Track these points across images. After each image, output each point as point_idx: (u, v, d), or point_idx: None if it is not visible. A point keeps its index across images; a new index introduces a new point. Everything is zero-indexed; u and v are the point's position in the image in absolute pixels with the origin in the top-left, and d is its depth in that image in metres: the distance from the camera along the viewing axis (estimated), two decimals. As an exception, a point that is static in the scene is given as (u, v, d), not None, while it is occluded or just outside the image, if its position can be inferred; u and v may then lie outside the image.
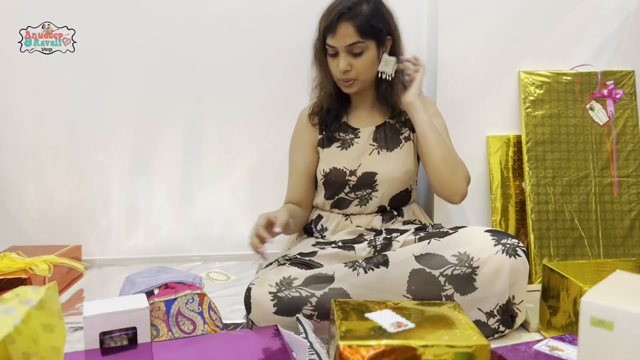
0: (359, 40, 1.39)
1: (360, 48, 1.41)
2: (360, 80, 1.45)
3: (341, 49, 1.41)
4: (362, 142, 1.51)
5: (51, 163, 1.84)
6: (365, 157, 1.49)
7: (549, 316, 1.33)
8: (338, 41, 1.40)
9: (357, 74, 1.43)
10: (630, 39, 1.77)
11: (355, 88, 1.46)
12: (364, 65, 1.43)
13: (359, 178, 1.48)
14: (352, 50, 1.40)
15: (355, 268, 1.31)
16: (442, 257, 1.30)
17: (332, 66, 1.45)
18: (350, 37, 1.39)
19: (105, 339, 1.13)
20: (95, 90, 1.81)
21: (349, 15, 1.38)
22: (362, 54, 1.42)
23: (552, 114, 1.74)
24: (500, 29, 1.73)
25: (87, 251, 1.85)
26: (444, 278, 1.29)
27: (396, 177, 1.47)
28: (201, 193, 1.88)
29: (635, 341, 0.73)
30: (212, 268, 1.78)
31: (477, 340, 0.99)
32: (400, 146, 1.51)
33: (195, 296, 1.24)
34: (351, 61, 1.41)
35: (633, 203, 1.73)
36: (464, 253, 1.30)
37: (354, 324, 1.05)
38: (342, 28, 1.39)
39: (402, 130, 1.53)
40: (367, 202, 1.49)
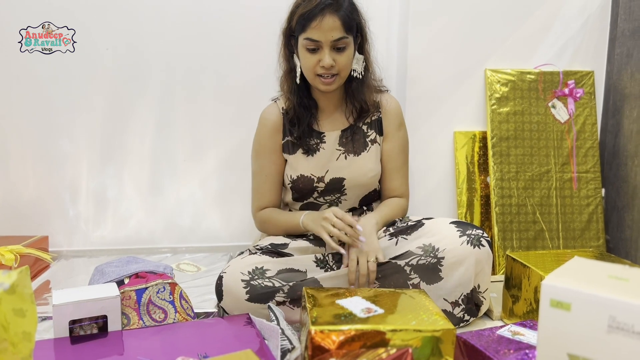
0: (344, 35, 1.34)
1: (344, 43, 1.35)
2: (341, 76, 1.39)
3: (326, 43, 1.33)
4: (328, 147, 1.46)
5: (17, 152, 1.80)
6: (333, 162, 1.46)
7: (512, 304, 1.38)
8: (324, 35, 1.32)
9: (340, 69, 1.36)
10: (590, 40, 1.84)
11: (335, 85, 1.39)
12: (346, 61, 1.37)
13: (327, 184, 1.45)
14: (336, 45, 1.34)
15: (325, 267, 1.36)
16: (408, 250, 1.34)
17: (311, 61, 1.35)
18: (336, 31, 1.32)
19: (74, 328, 1.13)
20: (63, 78, 1.78)
21: (334, 7, 1.32)
22: (344, 50, 1.36)
23: (516, 111, 1.80)
24: (467, 27, 1.78)
25: (54, 242, 1.82)
26: (410, 267, 1.32)
27: (364, 181, 1.46)
28: (171, 184, 1.87)
29: (591, 320, 0.78)
30: (182, 259, 1.77)
31: (444, 325, 1.03)
32: (367, 150, 1.47)
33: (167, 285, 1.24)
34: (335, 57, 1.34)
35: (591, 197, 1.81)
36: (429, 244, 1.33)
37: (325, 310, 1.07)
38: (329, 21, 1.31)
39: (368, 132, 1.49)
40: (336, 205, 1.49)
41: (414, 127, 1.80)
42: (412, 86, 1.79)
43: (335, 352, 0.97)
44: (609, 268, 0.88)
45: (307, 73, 1.39)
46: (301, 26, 1.34)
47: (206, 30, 1.81)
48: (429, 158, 1.83)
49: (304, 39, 1.34)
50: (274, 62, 1.56)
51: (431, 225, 1.39)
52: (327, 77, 1.37)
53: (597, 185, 1.81)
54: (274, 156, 1.48)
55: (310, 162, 1.46)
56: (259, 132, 1.51)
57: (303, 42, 1.35)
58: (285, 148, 1.48)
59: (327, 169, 1.45)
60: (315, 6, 1.31)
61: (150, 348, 1.07)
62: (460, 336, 1.09)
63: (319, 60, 1.34)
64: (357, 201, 1.50)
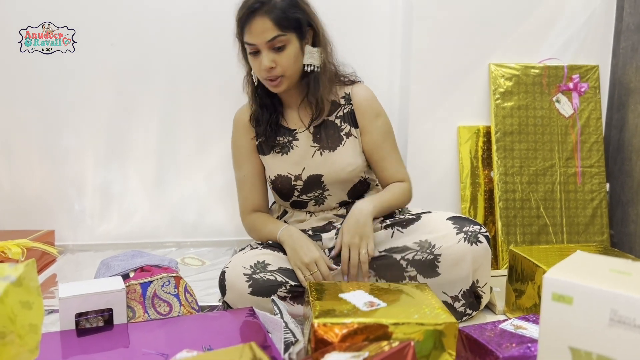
0: (279, 34, 1.29)
1: (282, 42, 1.31)
2: (287, 76, 1.35)
3: (262, 45, 1.30)
4: (302, 145, 1.43)
5: (23, 147, 1.82)
6: (308, 159, 1.43)
7: (515, 299, 1.39)
8: (257, 38, 1.30)
9: (283, 70, 1.33)
10: (595, 34, 1.83)
11: (283, 86, 1.36)
12: (288, 60, 1.32)
13: (305, 182, 1.43)
14: (273, 45, 1.30)
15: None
16: (404, 245, 1.34)
17: (255, 65, 1.35)
18: (269, 32, 1.29)
19: (80, 320, 1.14)
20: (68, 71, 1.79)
21: (263, 9, 1.29)
22: (284, 48, 1.31)
23: (520, 106, 1.79)
24: (472, 21, 1.78)
25: (60, 236, 1.83)
26: (406, 262, 1.33)
27: (343, 176, 1.43)
28: (175, 179, 1.88)
29: (592, 314, 0.78)
30: (186, 254, 1.79)
31: (446, 319, 1.03)
32: (342, 144, 1.43)
33: (171, 279, 1.25)
34: (274, 57, 1.31)
35: (595, 192, 1.80)
36: (425, 240, 1.33)
37: (328, 304, 1.08)
38: (259, 23, 1.29)
39: (341, 126, 1.44)
40: (323, 201, 1.46)
41: (417, 122, 1.80)
42: (416, 81, 1.79)
43: (337, 345, 0.97)
44: (611, 262, 0.88)
45: (257, 76, 1.39)
46: (240, 30, 1.34)
47: (209, 25, 1.81)
48: (432, 153, 1.84)
49: (244, 43, 1.35)
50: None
51: (428, 220, 1.38)
52: (273, 80, 1.34)
53: (602, 180, 1.81)
54: (251, 156, 1.47)
55: (285, 160, 1.44)
56: (233, 134, 1.50)
57: (245, 46, 1.36)
58: (259, 149, 1.47)
59: (303, 166, 1.43)
60: (246, 10, 1.30)
61: (155, 341, 1.09)
62: (462, 330, 1.10)
63: (260, 64, 1.33)
64: (345, 195, 1.47)
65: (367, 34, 1.82)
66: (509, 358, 0.99)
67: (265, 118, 1.43)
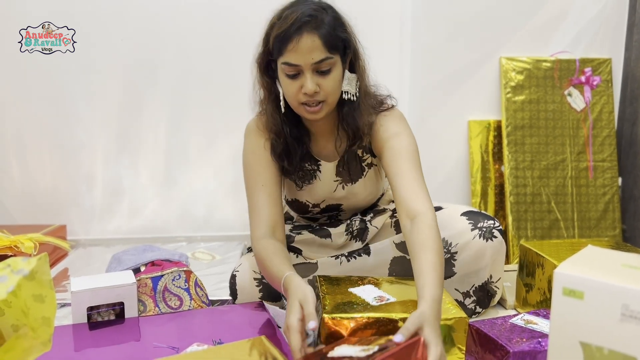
0: (327, 56, 1.14)
1: (329, 65, 1.15)
2: (328, 103, 1.19)
3: (307, 67, 1.13)
4: (325, 178, 1.33)
5: (35, 143, 1.84)
6: (330, 193, 1.34)
7: (525, 294, 1.38)
8: (303, 58, 1.13)
9: (326, 95, 1.17)
10: (607, 27, 1.81)
11: (323, 113, 1.20)
12: (333, 85, 1.17)
13: (323, 209, 1.38)
14: (319, 67, 1.14)
15: (337, 257, 1.35)
16: None
17: (293, 89, 1.17)
18: (318, 52, 1.13)
19: (92, 314, 1.15)
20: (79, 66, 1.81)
21: (312, 25, 1.12)
22: (330, 72, 1.16)
23: (531, 100, 1.78)
24: (482, 15, 1.77)
25: (72, 231, 1.86)
26: None
27: (362, 204, 1.39)
28: (185, 174, 1.89)
29: (603, 309, 0.78)
30: (197, 248, 1.80)
31: (456, 313, 1.03)
32: (363, 175, 1.34)
33: (182, 273, 1.26)
34: (318, 81, 1.15)
35: (607, 187, 1.79)
36: (443, 239, 1.30)
37: (338, 298, 1.08)
38: (307, 41, 1.12)
39: (363, 156, 1.33)
40: (336, 217, 1.43)
41: (428, 116, 1.79)
42: (426, 75, 1.79)
43: (347, 339, 0.98)
44: (622, 257, 0.87)
45: (290, 102, 1.21)
46: (277, 49, 1.16)
47: (220, 20, 1.82)
48: (443, 147, 1.83)
49: (282, 63, 1.16)
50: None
51: (443, 216, 1.34)
52: (312, 105, 1.18)
53: (614, 174, 1.79)
54: (271, 166, 1.28)
55: (307, 189, 1.34)
56: (248, 142, 1.31)
57: (281, 67, 1.17)
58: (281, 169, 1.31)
59: (323, 199, 1.35)
60: (291, 25, 1.13)
61: (166, 334, 1.09)
62: (472, 324, 1.10)
63: (301, 87, 1.16)
64: (359, 212, 1.44)
65: (378, 29, 1.81)
66: (520, 353, 0.98)
67: (299, 153, 1.28)
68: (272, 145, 1.28)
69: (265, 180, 1.26)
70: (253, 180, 1.28)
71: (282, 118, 1.25)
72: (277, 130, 1.26)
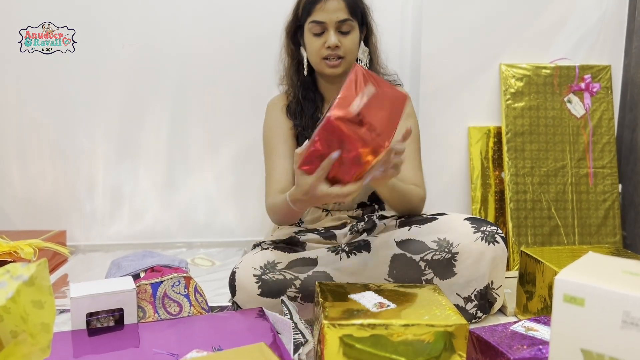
0: (348, 18, 1.38)
1: (349, 27, 1.39)
2: (347, 60, 1.41)
3: (331, 24, 1.37)
4: None
5: (35, 148, 1.84)
6: None
7: (526, 300, 1.38)
8: (329, 16, 1.37)
9: (345, 52, 1.40)
10: (607, 34, 1.82)
11: (341, 68, 1.41)
12: (351, 45, 1.40)
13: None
14: (341, 27, 1.38)
15: (337, 252, 1.34)
16: (423, 242, 1.34)
17: (317, 44, 1.39)
18: (341, 13, 1.37)
19: (91, 320, 1.15)
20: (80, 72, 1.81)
21: None
22: (350, 33, 1.39)
23: (531, 106, 1.78)
24: (482, 22, 1.77)
25: (72, 237, 1.85)
26: (424, 263, 1.32)
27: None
28: (186, 179, 1.89)
29: (605, 316, 0.77)
30: (196, 254, 1.79)
31: (457, 320, 1.02)
32: None
33: (182, 279, 1.26)
34: (340, 39, 1.38)
35: (607, 193, 1.79)
36: (444, 239, 1.33)
37: (338, 304, 1.07)
38: (334, 2, 1.37)
39: None
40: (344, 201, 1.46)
41: (428, 123, 1.79)
42: (426, 81, 1.79)
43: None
44: (623, 263, 0.87)
45: (313, 58, 1.42)
46: (307, 11, 1.39)
47: (221, 25, 1.82)
48: (443, 153, 1.83)
49: (310, 22, 1.39)
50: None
51: (446, 220, 1.38)
52: (332, 59, 1.39)
53: (614, 181, 1.79)
54: (287, 138, 1.46)
55: None
56: (269, 117, 1.50)
57: (309, 26, 1.39)
58: (298, 139, 1.48)
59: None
60: None
61: (165, 341, 1.09)
62: (473, 331, 1.09)
63: (324, 42, 1.38)
64: (365, 197, 1.49)
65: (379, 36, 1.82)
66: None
67: (307, 112, 1.46)
68: (288, 106, 1.48)
69: (282, 151, 1.44)
70: (270, 150, 1.47)
71: (301, 80, 1.47)
72: (294, 92, 1.47)
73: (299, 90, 1.47)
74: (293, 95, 1.48)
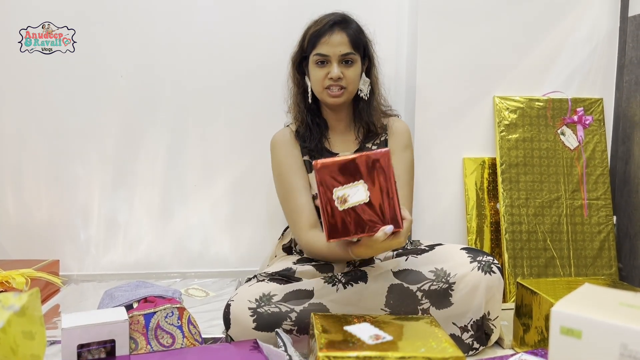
0: (351, 52, 1.44)
1: (352, 59, 1.45)
2: (348, 90, 1.47)
3: (334, 57, 1.43)
4: None
5: (31, 176, 1.83)
6: None
7: (522, 333, 1.37)
8: (332, 49, 1.43)
9: (347, 83, 1.45)
10: (598, 67, 1.85)
11: (343, 98, 1.47)
12: (353, 76, 1.46)
13: None
14: (344, 59, 1.44)
15: (334, 284, 1.33)
16: (420, 272, 1.33)
17: (320, 75, 1.45)
18: (345, 47, 1.43)
19: (82, 352, 1.13)
20: (77, 103, 1.82)
21: (342, 25, 1.45)
22: (352, 65, 1.46)
23: (525, 138, 1.80)
24: (476, 56, 1.80)
25: (65, 266, 1.83)
26: (422, 293, 1.32)
27: None
28: (181, 209, 1.89)
29: (602, 348, 0.77)
30: (190, 284, 1.78)
31: (453, 352, 1.01)
32: None
33: (175, 310, 1.24)
34: (342, 70, 1.44)
35: (602, 225, 1.79)
36: (441, 269, 1.33)
37: (333, 336, 1.06)
38: (337, 36, 1.43)
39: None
40: None
41: (423, 153, 1.81)
42: (421, 112, 1.81)
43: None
44: (620, 295, 0.87)
45: (316, 87, 1.48)
46: (312, 44, 1.46)
47: (218, 55, 1.85)
48: (438, 184, 1.84)
49: (314, 54, 1.45)
50: (282, 88, 1.59)
51: (442, 250, 1.40)
52: (335, 89, 1.45)
53: (609, 213, 1.80)
54: (300, 171, 1.50)
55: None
56: (277, 154, 1.52)
57: (313, 58, 1.46)
58: (307, 166, 1.51)
59: None
60: (325, 24, 1.44)
61: (157, 373, 1.07)
62: (470, 364, 1.08)
63: (327, 73, 1.44)
64: None
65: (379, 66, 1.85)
66: (518, 394, 0.97)
67: (315, 136, 1.51)
68: (297, 131, 1.53)
69: (300, 184, 1.47)
70: (288, 186, 1.47)
71: (306, 106, 1.52)
72: (301, 117, 1.52)
73: (307, 116, 1.52)
74: (301, 120, 1.53)
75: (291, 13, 1.81)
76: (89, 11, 1.79)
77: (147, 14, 1.81)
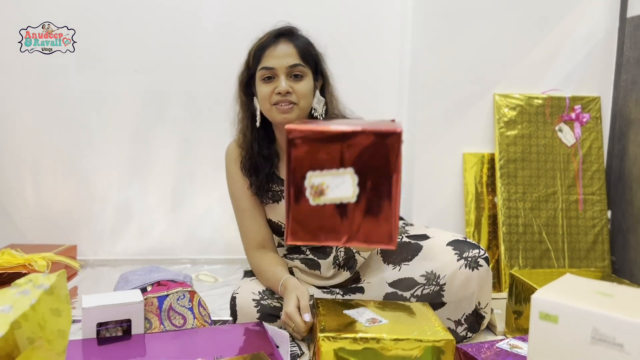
0: (299, 63, 1.31)
1: (301, 72, 1.31)
2: (300, 107, 1.32)
3: (281, 69, 1.30)
4: None
5: (49, 166, 1.92)
6: None
7: (514, 320, 1.44)
8: (278, 60, 1.29)
9: (298, 98, 1.31)
10: (596, 67, 1.90)
11: (294, 114, 1.31)
12: (304, 91, 1.31)
13: None
14: (292, 72, 1.31)
15: (333, 293, 1.40)
16: (412, 278, 1.38)
17: (267, 91, 1.31)
18: (292, 58, 1.30)
19: (101, 330, 1.22)
20: (94, 95, 1.90)
21: (288, 36, 1.33)
22: (302, 79, 1.32)
23: (523, 134, 1.86)
24: (477, 54, 1.86)
25: (81, 251, 1.92)
26: (415, 299, 1.37)
27: None
28: (192, 198, 1.97)
29: (576, 332, 0.84)
30: (200, 270, 1.86)
31: (444, 336, 1.09)
32: None
33: (186, 293, 1.33)
34: (291, 84, 1.30)
35: (596, 219, 1.86)
36: (431, 272, 1.36)
37: (333, 319, 1.14)
38: (283, 46, 1.31)
39: None
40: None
41: (424, 149, 1.87)
42: (423, 109, 1.87)
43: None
44: (597, 285, 0.94)
45: (264, 105, 1.33)
46: (257, 58, 1.33)
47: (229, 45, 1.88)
48: (439, 178, 1.90)
49: (260, 69, 1.32)
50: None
51: (429, 247, 1.40)
52: (283, 105, 1.30)
53: (603, 207, 1.86)
54: (247, 191, 1.42)
55: (275, 209, 1.43)
56: (228, 169, 1.45)
57: (259, 73, 1.32)
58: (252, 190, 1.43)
59: None
60: (269, 36, 1.33)
61: (170, 350, 1.15)
62: (460, 347, 1.15)
63: (274, 88, 1.30)
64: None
65: (377, 64, 1.91)
66: (502, 374, 1.04)
67: (264, 168, 1.39)
68: (242, 161, 1.41)
69: (246, 205, 1.43)
70: (236, 206, 1.45)
71: (254, 135, 1.38)
72: (247, 148, 1.39)
73: (254, 146, 1.38)
74: (246, 152, 1.39)
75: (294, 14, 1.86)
76: (89, 11, 1.83)
77: (147, 14, 1.86)
